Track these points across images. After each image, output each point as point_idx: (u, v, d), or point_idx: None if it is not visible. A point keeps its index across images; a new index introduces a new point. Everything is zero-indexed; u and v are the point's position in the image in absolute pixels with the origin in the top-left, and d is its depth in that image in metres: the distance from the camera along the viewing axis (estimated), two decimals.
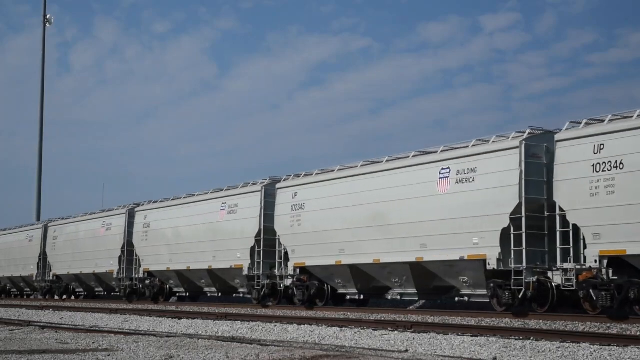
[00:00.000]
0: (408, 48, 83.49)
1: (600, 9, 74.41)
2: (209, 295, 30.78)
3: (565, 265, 17.04)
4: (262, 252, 25.76)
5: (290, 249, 24.60)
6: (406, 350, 11.93)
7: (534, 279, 17.69)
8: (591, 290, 16.30)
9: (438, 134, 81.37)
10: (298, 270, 24.51)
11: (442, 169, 19.71)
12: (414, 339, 13.11)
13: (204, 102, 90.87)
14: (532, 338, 12.52)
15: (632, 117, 16.16)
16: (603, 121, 16.77)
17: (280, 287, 25.55)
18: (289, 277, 24.94)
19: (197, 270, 28.99)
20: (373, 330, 14.85)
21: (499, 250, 18.13)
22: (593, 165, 16.28)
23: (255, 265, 25.99)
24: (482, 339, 12.66)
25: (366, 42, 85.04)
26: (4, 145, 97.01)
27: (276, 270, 25.59)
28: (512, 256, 17.97)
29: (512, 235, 17.96)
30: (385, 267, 21.35)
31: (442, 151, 20.25)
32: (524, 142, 17.99)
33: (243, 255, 26.48)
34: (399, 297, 22.10)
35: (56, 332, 16.82)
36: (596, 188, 16.14)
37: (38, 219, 50.59)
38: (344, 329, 15.34)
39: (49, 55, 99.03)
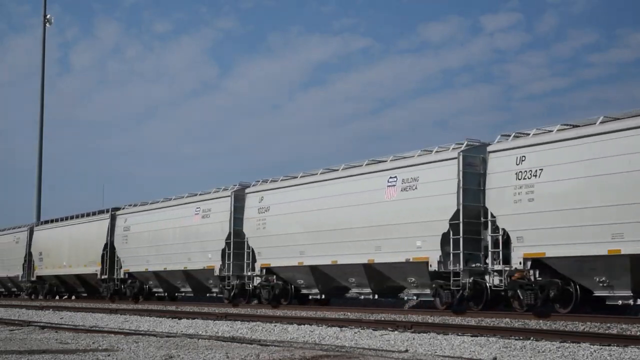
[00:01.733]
0: (408, 48, 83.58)
1: (601, 9, 74.48)
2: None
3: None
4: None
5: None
6: (406, 350, 11.93)
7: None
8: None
9: (438, 134, 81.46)
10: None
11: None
12: (414, 339, 13.11)
13: (205, 102, 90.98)
14: (532, 338, 12.52)
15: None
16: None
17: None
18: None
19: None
20: (373, 330, 14.85)
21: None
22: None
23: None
24: (482, 339, 12.66)
25: (367, 42, 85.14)
26: (4, 145, 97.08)
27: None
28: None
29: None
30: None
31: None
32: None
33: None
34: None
35: (56, 332, 16.82)
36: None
37: (38, 219, 50.59)
38: (344, 329, 15.35)
39: (50, 55, 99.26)
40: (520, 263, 17.77)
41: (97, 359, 11.15)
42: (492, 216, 18.71)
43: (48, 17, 54.74)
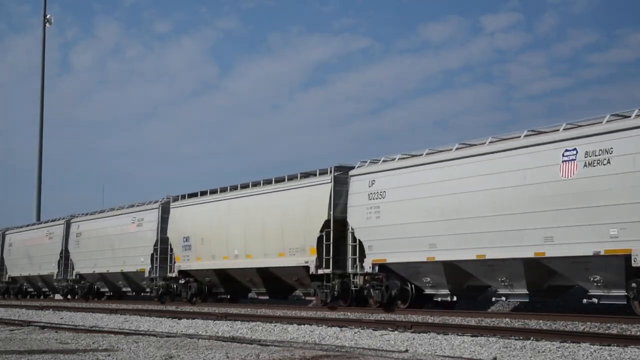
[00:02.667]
0: (409, 48, 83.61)
1: (601, 9, 74.51)
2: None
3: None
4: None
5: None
6: (406, 350, 11.93)
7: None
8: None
9: (439, 134, 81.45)
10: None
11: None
12: (414, 339, 13.11)
13: (205, 102, 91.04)
14: (532, 338, 12.52)
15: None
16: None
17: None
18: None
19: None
20: (373, 330, 14.85)
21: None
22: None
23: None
24: (482, 339, 12.66)
25: (367, 42, 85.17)
26: (4, 145, 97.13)
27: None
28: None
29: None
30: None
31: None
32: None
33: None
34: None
35: (56, 332, 16.82)
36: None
37: (38, 219, 50.60)
38: (344, 329, 15.35)
39: (50, 56, 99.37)
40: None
41: (97, 359, 11.15)
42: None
43: (48, 17, 54.80)
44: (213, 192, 29.13)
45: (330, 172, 23.47)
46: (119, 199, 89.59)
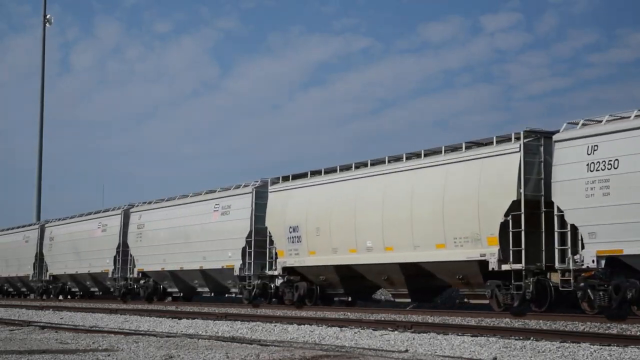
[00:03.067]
0: (409, 48, 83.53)
1: (601, 9, 74.43)
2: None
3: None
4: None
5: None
6: (406, 350, 11.92)
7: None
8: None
9: (438, 134, 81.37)
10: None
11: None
12: (414, 339, 13.11)
13: (205, 103, 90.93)
14: (532, 338, 12.51)
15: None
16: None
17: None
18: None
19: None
20: (373, 330, 14.85)
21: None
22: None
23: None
24: (482, 339, 12.66)
25: (367, 42, 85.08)
26: (4, 145, 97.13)
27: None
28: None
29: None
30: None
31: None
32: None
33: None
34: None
35: (56, 332, 16.82)
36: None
37: (38, 219, 50.61)
38: (344, 329, 15.34)
39: (50, 56, 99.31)
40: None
41: (97, 359, 11.15)
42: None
43: (48, 17, 54.82)
44: (330, 171, 24.37)
45: (519, 138, 18.58)
46: (119, 199, 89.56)
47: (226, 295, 30.38)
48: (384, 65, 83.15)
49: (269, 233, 25.83)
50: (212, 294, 30.34)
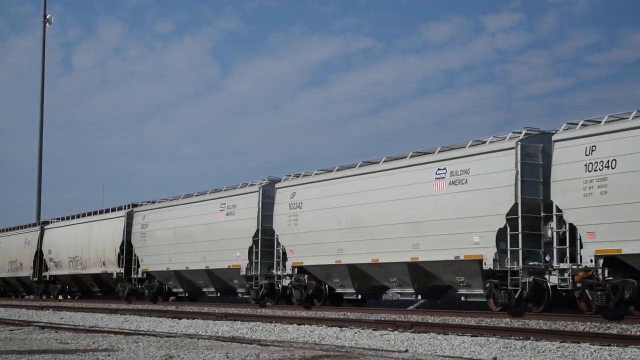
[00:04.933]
0: (410, 48, 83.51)
1: (603, 10, 74.43)
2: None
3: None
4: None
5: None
6: (406, 350, 11.92)
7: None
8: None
9: (439, 134, 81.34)
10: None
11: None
12: (414, 339, 13.11)
13: (206, 102, 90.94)
14: (532, 338, 12.51)
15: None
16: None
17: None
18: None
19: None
20: (373, 330, 14.85)
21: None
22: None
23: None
24: (482, 339, 12.66)
25: (368, 42, 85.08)
26: (5, 145, 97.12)
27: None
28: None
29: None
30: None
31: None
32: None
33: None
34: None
35: (56, 332, 16.82)
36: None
37: (38, 219, 50.62)
38: (344, 329, 15.34)
39: (52, 56, 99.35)
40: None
41: (97, 359, 11.15)
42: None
43: (48, 17, 54.86)
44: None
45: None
46: (119, 199, 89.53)
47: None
48: (385, 65, 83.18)
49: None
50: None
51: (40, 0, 67.84)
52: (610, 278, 16.34)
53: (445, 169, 19.66)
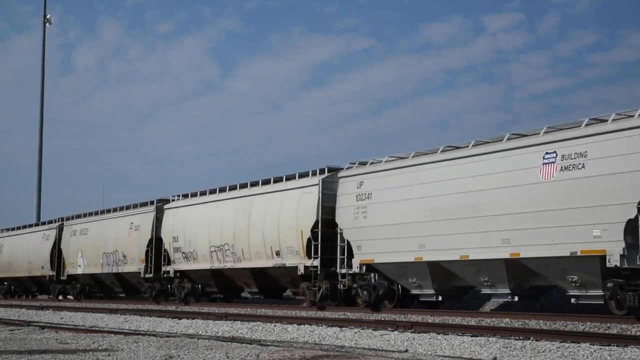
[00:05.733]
0: (411, 48, 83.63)
1: (603, 10, 74.51)
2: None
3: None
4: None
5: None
6: (406, 350, 11.93)
7: None
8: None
9: (439, 134, 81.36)
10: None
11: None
12: (414, 339, 13.11)
13: (207, 103, 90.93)
14: (532, 338, 12.52)
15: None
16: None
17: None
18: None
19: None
20: (373, 330, 14.85)
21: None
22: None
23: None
24: (482, 339, 12.66)
25: (369, 42, 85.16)
26: (5, 145, 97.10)
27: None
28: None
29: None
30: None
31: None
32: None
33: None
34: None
35: (56, 332, 16.82)
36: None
37: (38, 219, 50.65)
38: (344, 329, 15.35)
39: (52, 56, 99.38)
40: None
41: (97, 359, 11.15)
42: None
43: (48, 17, 54.94)
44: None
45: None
46: (119, 199, 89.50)
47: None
48: (385, 65, 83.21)
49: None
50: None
51: (41, 0, 67.89)
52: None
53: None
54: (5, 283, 46.56)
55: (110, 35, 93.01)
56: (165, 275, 31.23)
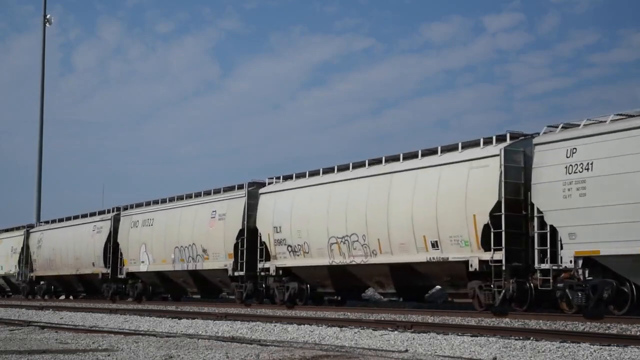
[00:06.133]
0: (411, 48, 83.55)
1: (603, 10, 74.47)
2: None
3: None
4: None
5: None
6: (406, 350, 11.92)
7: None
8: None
9: (439, 134, 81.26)
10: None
11: None
12: (414, 339, 13.11)
13: (207, 103, 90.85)
14: (532, 338, 12.51)
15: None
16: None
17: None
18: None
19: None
20: (373, 330, 14.84)
21: None
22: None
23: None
24: (482, 339, 12.66)
25: (369, 42, 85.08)
26: (5, 145, 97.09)
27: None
28: None
29: None
30: None
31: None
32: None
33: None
34: None
35: (56, 332, 16.82)
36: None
37: (38, 219, 50.58)
38: (344, 329, 15.34)
39: (52, 56, 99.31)
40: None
41: (97, 359, 11.15)
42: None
43: (48, 17, 54.83)
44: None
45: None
46: (119, 199, 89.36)
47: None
48: (385, 65, 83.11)
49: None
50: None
51: (41, 0, 67.86)
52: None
53: None
54: (41, 282, 41.36)
55: (110, 35, 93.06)
56: (262, 274, 25.93)
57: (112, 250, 34.13)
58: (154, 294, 33.10)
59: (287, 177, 25.93)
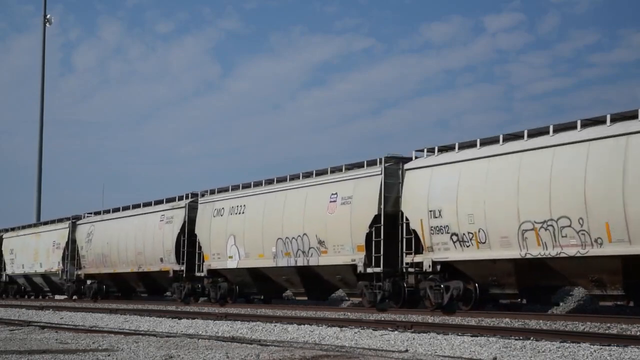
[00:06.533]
0: (411, 48, 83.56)
1: (603, 10, 74.47)
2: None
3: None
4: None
5: None
6: (406, 350, 11.93)
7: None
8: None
9: (440, 134, 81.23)
10: None
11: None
12: (414, 339, 13.11)
13: (207, 103, 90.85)
14: (532, 338, 12.51)
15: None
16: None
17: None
18: None
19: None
20: (373, 330, 14.85)
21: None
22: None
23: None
24: (482, 339, 12.66)
25: (369, 42, 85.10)
26: (5, 145, 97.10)
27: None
28: None
29: None
30: None
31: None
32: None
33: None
34: None
35: (56, 332, 16.82)
36: None
37: (38, 219, 50.60)
38: (344, 329, 15.34)
39: (53, 56, 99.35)
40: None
41: (97, 359, 11.15)
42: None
43: (48, 17, 54.89)
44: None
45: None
46: (119, 199, 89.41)
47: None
48: (385, 65, 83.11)
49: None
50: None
51: (41, 0, 67.87)
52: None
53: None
54: (89, 281, 35.89)
55: (110, 35, 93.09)
56: (408, 270, 20.96)
57: (186, 243, 28.88)
58: (241, 295, 27.84)
59: (445, 149, 20.61)
